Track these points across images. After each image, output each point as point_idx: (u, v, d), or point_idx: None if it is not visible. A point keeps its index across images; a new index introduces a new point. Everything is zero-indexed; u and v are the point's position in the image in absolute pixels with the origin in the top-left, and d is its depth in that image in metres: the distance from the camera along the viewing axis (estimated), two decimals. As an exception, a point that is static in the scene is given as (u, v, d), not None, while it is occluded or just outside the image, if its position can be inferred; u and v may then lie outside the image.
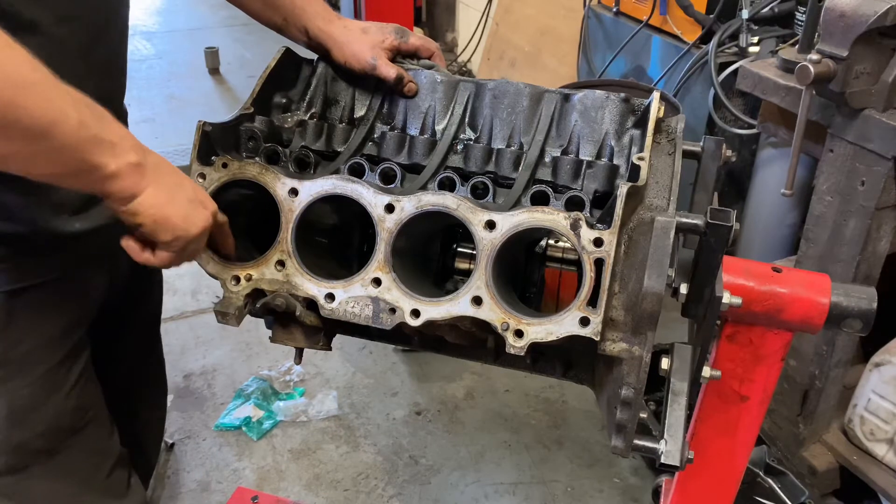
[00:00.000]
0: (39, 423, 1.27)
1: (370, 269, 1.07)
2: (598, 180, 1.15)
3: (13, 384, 1.23)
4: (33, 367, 1.25)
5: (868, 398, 2.12)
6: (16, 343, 1.22)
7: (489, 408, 2.91)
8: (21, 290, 1.20)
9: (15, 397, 1.24)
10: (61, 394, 1.29)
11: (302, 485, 2.58)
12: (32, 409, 1.26)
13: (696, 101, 2.92)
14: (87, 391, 1.36)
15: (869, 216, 1.91)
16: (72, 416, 1.32)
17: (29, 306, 1.22)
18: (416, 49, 1.36)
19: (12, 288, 1.19)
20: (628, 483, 2.60)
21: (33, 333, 1.24)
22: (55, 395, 1.28)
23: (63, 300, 1.28)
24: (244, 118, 1.23)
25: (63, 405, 1.29)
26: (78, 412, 1.33)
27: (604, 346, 0.99)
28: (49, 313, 1.26)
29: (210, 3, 7.47)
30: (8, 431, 1.24)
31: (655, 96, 1.14)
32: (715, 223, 1.00)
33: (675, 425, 1.03)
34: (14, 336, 1.21)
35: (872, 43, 1.78)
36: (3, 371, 1.22)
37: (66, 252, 1.25)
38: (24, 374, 1.24)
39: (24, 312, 1.22)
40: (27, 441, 1.26)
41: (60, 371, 1.28)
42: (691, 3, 2.93)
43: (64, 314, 1.29)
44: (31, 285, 1.21)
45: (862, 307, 1.17)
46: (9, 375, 1.22)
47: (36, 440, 1.27)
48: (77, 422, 1.33)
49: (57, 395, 1.28)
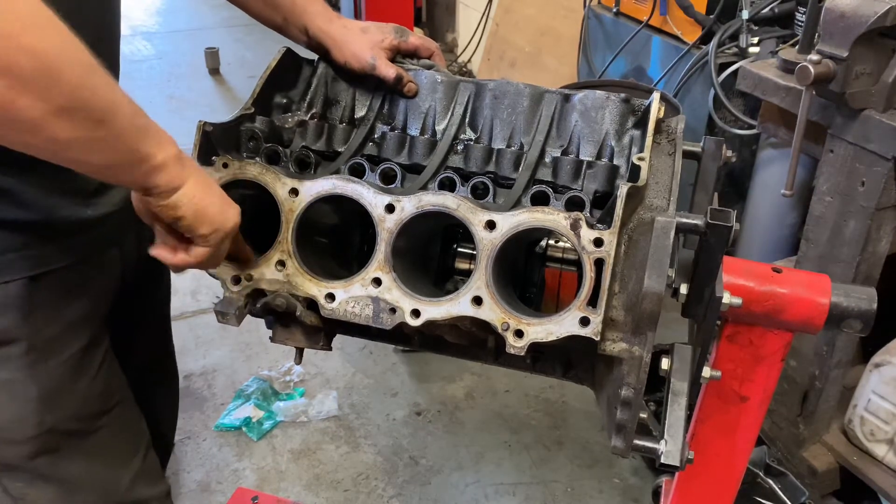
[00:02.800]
0: (70, 406, 1.29)
1: (370, 268, 1.07)
2: (599, 180, 1.15)
3: (42, 367, 1.24)
4: (60, 351, 1.26)
5: (868, 399, 2.12)
6: (41, 328, 1.23)
7: (489, 408, 2.91)
8: (40, 276, 1.21)
9: (45, 380, 1.25)
10: (88, 377, 1.30)
11: (302, 485, 2.58)
12: (62, 391, 1.27)
13: (697, 101, 2.92)
14: (112, 376, 1.38)
15: (869, 217, 1.91)
16: (100, 399, 1.34)
17: (50, 292, 1.23)
18: (415, 49, 1.36)
19: (32, 274, 1.20)
20: (628, 483, 2.60)
21: (56, 319, 1.25)
22: (83, 378, 1.30)
23: (81, 286, 1.29)
24: (245, 118, 1.23)
25: (91, 388, 1.31)
26: (105, 395, 1.35)
27: (604, 346, 0.99)
28: (69, 299, 1.27)
29: (210, 3, 7.47)
30: (41, 414, 1.25)
31: (655, 97, 1.14)
32: (715, 223, 1.00)
33: (675, 425, 1.03)
34: (38, 321, 1.23)
35: (872, 43, 1.78)
36: (32, 356, 1.23)
37: (81, 238, 1.26)
38: (52, 357, 1.25)
39: (46, 298, 1.23)
40: (59, 422, 1.28)
41: (86, 356, 1.30)
42: (691, 4, 2.93)
43: (83, 300, 1.30)
44: (49, 271, 1.22)
45: (862, 308, 1.18)
46: (37, 360, 1.24)
47: (68, 422, 1.29)
48: (106, 404, 1.35)
49: (84, 378, 1.30)
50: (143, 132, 0.92)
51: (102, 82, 0.87)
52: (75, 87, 0.82)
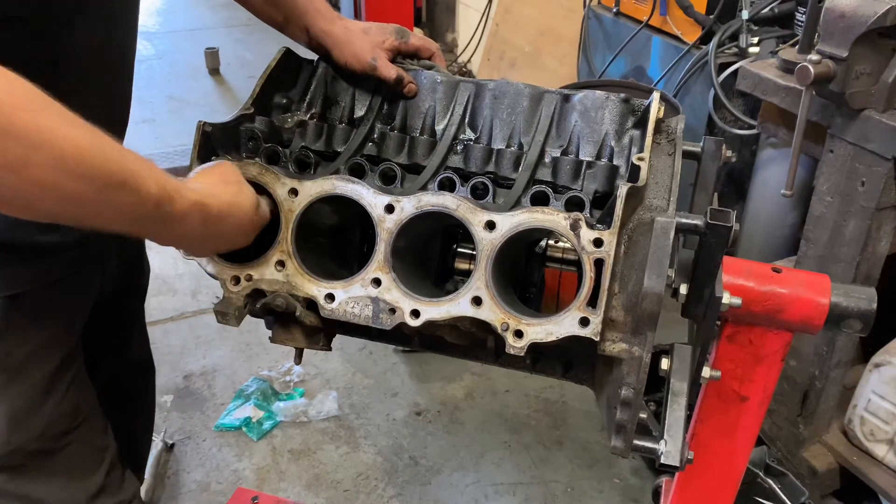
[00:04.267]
0: (37, 427, 1.27)
1: (370, 269, 1.07)
2: (598, 181, 1.15)
3: (13, 389, 1.23)
4: (32, 371, 1.25)
5: (868, 399, 2.13)
6: (14, 348, 1.22)
7: (489, 408, 2.91)
8: (17, 296, 1.19)
9: (15, 402, 1.23)
10: (57, 397, 1.29)
11: (302, 485, 2.58)
12: (30, 413, 1.26)
13: (696, 101, 2.92)
14: (81, 392, 1.36)
15: (869, 217, 1.91)
16: (67, 417, 1.32)
17: (26, 312, 1.21)
18: (416, 49, 1.36)
19: (9, 294, 1.18)
20: (628, 483, 2.60)
21: (31, 339, 1.24)
22: (52, 398, 1.28)
23: (59, 305, 1.27)
24: (244, 118, 1.23)
25: (58, 408, 1.29)
26: (72, 414, 1.33)
27: (603, 346, 0.99)
28: (46, 319, 1.25)
29: (210, 3, 7.47)
30: (8, 435, 1.24)
31: (655, 97, 1.14)
32: (715, 223, 1.00)
33: (675, 426, 1.03)
34: (12, 342, 1.21)
35: (872, 43, 1.78)
36: (3, 376, 1.22)
37: (61, 258, 1.24)
38: (24, 378, 1.24)
39: (22, 318, 1.21)
40: (24, 443, 1.26)
41: (57, 375, 1.28)
42: (691, 4, 2.93)
43: (61, 319, 1.28)
44: (27, 291, 1.20)
45: (862, 307, 1.17)
46: (9, 380, 1.22)
47: (32, 442, 1.27)
48: (72, 422, 1.33)
49: (53, 398, 1.28)
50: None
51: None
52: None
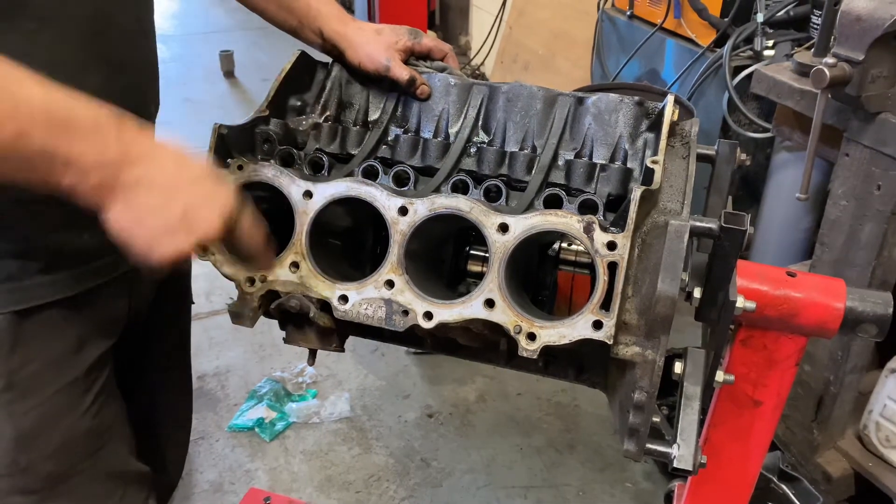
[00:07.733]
0: (48, 446, 1.21)
1: (383, 270, 1.07)
2: (612, 184, 1.15)
3: (20, 406, 1.18)
4: (42, 388, 1.19)
5: (884, 404, 2.11)
6: (23, 365, 1.16)
7: (501, 411, 2.91)
8: (30, 311, 1.15)
9: (23, 420, 1.18)
10: (74, 416, 1.23)
11: (314, 486, 2.58)
12: (41, 431, 1.20)
13: (711, 104, 2.90)
14: (106, 412, 1.29)
15: (885, 221, 1.90)
16: (86, 438, 1.25)
17: (38, 327, 1.16)
18: (429, 50, 1.36)
19: (20, 308, 1.14)
20: (640, 487, 2.58)
21: (42, 355, 1.18)
22: (67, 417, 1.23)
23: (76, 320, 1.22)
24: (259, 121, 1.23)
25: (75, 427, 1.24)
26: (93, 434, 1.27)
27: (617, 349, 0.99)
28: (60, 334, 1.20)
29: (225, 6, 7.52)
30: (15, 454, 1.18)
31: (669, 100, 1.14)
32: (729, 227, 0.99)
33: (688, 430, 1.03)
34: (21, 358, 1.16)
35: (889, 46, 1.76)
36: (10, 394, 1.16)
37: (78, 269, 1.19)
38: (32, 396, 1.18)
39: (33, 333, 1.16)
40: (35, 464, 1.20)
41: (73, 392, 1.23)
42: (706, 7, 2.91)
43: (76, 335, 1.23)
44: (40, 305, 1.15)
45: (877, 312, 1.17)
46: (16, 398, 1.17)
47: (45, 463, 1.21)
48: (92, 445, 1.27)
49: (69, 417, 1.23)
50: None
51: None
52: None
